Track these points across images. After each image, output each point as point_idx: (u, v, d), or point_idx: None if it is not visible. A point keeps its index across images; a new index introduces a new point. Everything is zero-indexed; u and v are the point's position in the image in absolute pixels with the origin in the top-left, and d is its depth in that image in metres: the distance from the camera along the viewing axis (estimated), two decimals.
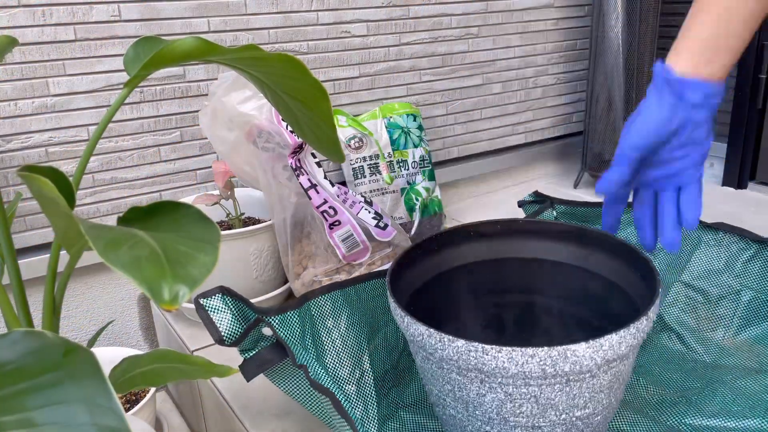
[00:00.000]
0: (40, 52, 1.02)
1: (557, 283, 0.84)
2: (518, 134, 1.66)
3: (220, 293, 0.73)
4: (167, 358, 0.64)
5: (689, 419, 0.77)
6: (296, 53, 1.25)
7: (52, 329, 0.57)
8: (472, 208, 1.58)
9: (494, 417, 0.63)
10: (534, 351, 0.57)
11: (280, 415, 0.84)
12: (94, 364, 0.36)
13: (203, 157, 1.20)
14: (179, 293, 0.37)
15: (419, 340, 0.63)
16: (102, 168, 1.11)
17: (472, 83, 1.52)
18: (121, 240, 0.40)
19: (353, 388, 0.78)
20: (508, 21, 1.53)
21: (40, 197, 0.45)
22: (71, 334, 1.16)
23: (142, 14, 1.08)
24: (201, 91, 1.17)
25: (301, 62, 0.50)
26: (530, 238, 0.84)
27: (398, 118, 1.35)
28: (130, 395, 0.98)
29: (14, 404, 0.35)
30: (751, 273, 0.94)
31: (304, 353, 0.76)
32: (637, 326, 0.61)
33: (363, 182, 1.30)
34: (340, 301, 0.82)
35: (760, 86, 1.53)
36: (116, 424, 0.34)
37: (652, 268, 0.70)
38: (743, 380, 0.83)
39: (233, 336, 0.72)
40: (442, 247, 0.83)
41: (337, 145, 0.57)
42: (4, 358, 0.37)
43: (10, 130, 1.02)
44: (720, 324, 0.94)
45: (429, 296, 0.81)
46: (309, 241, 1.04)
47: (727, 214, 1.48)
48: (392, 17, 1.35)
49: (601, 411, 0.65)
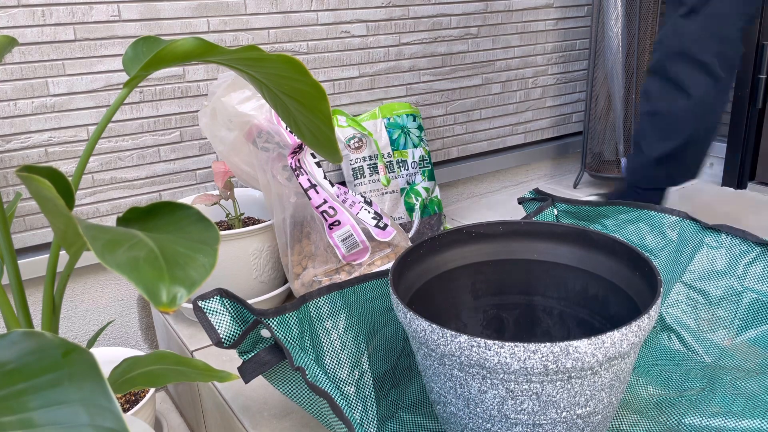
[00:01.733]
0: (39, 52, 1.02)
1: (558, 284, 0.84)
2: (518, 134, 1.66)
3: (218, 295, 0.73)
4: (167, 359, 0.64)
5: (689, 419, 0.77)
6: (296, 53, 1.24)
7: (51, 329, 0.57)
8: (472, 208, 1.58)
9: (495, 414, 0.63)
10: (536, 347, 0.57)
11: (279, 416, 0.84)
12: (93, 364, 0.36)
13: (203, 157, 1.20)
14: (177, 295, 0.37)
15: (421, 336, 0.63)
16: (101, 168, 1.11)
17: (472, 83, 1.52)
18: (119, 241, 0.39)
19: (352, 389, 0.78)
20: (508, 21, 1.53)
21: (39, 197, 0.45)
22: (71, 334, 1.16)
23: (142, 14, 1.08)
24: (200, 91, 1.17)
25: (301, 63, 0.50)
26: (531, 239, 0.84)
27: (398, 118, 1.34)
28: (129, 395, 0.98)
29: (13, 404, 0.35)
30: (752, 275, 0.94)
31: (303, 355, 0.76)
32: (638, 324, 0.61)
33: (363, 182, 1.29)
34: (338, 303, 0.82)
35: (760, 86, 1.53)
36: (115, 425, 0.34)
37: (653, 267, 0.70)
38: (743, 381, 0.83)
39: (232, 338, 0.71)
40: (444, 248, 0.83)
41: (335, 146, 0.57)
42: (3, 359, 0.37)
43: (10, 130, 1.02)
44: (720, 325, 0.94)
45: (430, 296, 0.81)
46: (309, 241, 1.04)
47: (726, 214, 1.48)
48: (392, 17, 1.35)
49: (601, 410, 0.65)
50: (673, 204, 1.53)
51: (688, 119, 1.20)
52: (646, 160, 1.25)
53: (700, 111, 1.19)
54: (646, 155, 1.25)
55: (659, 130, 1.22)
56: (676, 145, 1.22)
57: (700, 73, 1.17)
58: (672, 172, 1.26)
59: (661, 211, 1.03)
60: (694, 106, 1.18)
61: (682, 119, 1.20)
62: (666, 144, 1.22)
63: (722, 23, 1.15)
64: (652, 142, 1.23)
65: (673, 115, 1.20)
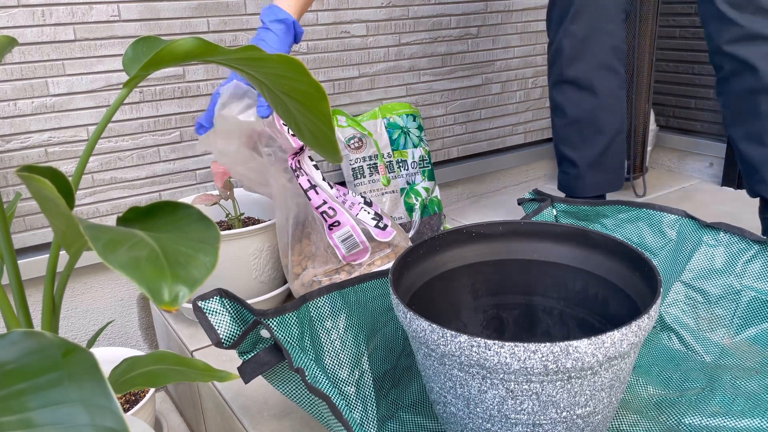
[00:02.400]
0: (39, 52, 1.02)
1: (558, 284, 0.84)
2: (518, 134, 1.66)
3: (218, 295, 0.72)
4: (167, 359, 0.64)
5: (689, 419, 0.77)
6: (296, 53, 1.24)
7: (51, 329, 0.57)
8: (472, 208, 1.58)
9: (495, 414, 0.63)
10: (536, 347, 0.57)
11: (279, 416, 0.84)
12: (94, 364, 0.36)
13: (203, 157, 1.20)
14: (179, 294, 0.37)
15: (421, 336, 0.63)
16: (101, 168, 1.11)
17: (472, 83, 1.52)
18: (120, 240, 0.39)
19: (352, 390, 0.78)
20: (508, 21, 1.53)
21: (39, 197, 0.45)
22: (71, 334, 1.16)
23: (142, 14, 1.08)
24: (200, 92, 1.17)
25: (301, 63, 0.50)
26: (531, 239, 0.84)
27: (398, 118, 1.34)
28: (129, 395, 0.98)
29: (13, 404, 0.35)
30: (751, 273, 0.94)
31: (303, 355, 0.76)
32: (638, 324, 0.61)
33: (363, 182, 1.30)
34: (338, 302, 0.82)
35: None
36: (115, 425, 0.34)
37: (652, 267, 0.70)
38: (743, 380, 0.83)
39: (231, 338, 0.71)
40: (444, 248, 0.83)
41: (335, 146, 0.57)
42: (3, 359, 0.37)
43: (10, 130, 1.02)
44: (720, 324, 0.94)
45: (430, 296, 0.81)
46: (309, 242, 1.04)
47: (726, 213, 1.48)
48: (392, 17, 1.35)
49: (601, 410, 0.65)
50: (673, 204, 1.53)
51: (605, 115, 1.26)
52: (578, 171, 1.30)
53: (609, 105, 1.25)
54: (577, 166, 1.30)
55: (585, 135, 1.28)
56: (607, 140, 1.27)
57: (600, 69, 1.23)
58: (608, 175, 1.32)
59: (660, 210, 1.03)
60: (605, 101, 1.25)
61: (599, 117, 1.26)
62: (595, 146, 1.28)
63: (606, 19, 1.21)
64: (582, 149, 1.29)
65: (590, 116, 1.26)
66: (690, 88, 1.73)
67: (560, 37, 1.23)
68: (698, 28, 1.67)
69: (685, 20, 1.70)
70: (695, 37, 1.69)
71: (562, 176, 1.34)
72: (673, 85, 1.77)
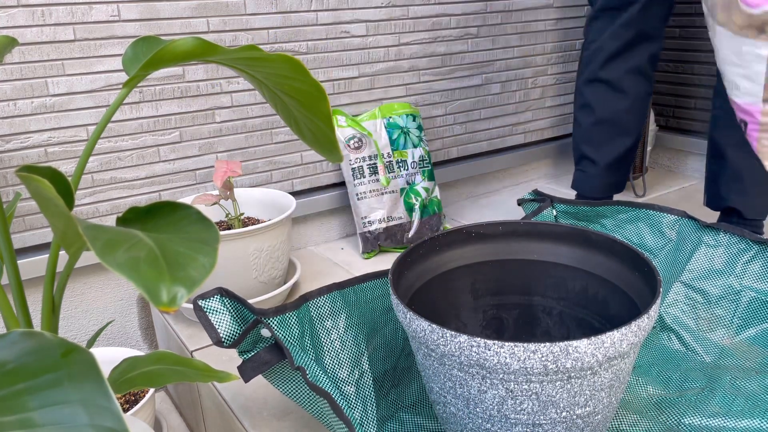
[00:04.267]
0: (39, 52, 1.02)
1: (557, 284, 0.84)
2: (517, 134, 1.66)
3: (218, 294, 0.72)
4: (167, 360, 0.64)
5: (689, 419, 0.77)
6: (295, 53, 1.24)
7: (51, 329, 0.57)
8: (472, 208, 1.58)
9: (495, 414, 0.63)
10: (536, 347, 0.57)
11: (279, 416, 0.84)
12: (93, 364, 0.36)
13: (202, 157, 1.20)
14: (177, 295, 0.37)
15: (421, 336, 0.63)
16: (101, 168, 1.11)
17: (472, 83, 1.52)
18: (119, 241, 0.39)
19: (352, 389, 0.78)
20: (508, 21, 1.53)
21: (38, 197, 0.45)
22: (71, 334, 1.16)
23: (142, 14, 1.08)
24: (200, 92, 1.17)
25: (301, 62, 0.50)
26: (531, 239, 0.84)
27: (398, 119, 1.34)
28: (129, 395, 0.98)
29: (13, 404, 0.35)
30: (751, 273, 0.94)
31: (303, 354, 0.76)
32: (638, 324, 0.61)
33: (362, 182, 1.30)
34: (338, 302, 0.82)
35: None
36: (115, 425, 0.34)
37: (652, 267, 0.70)
38: (743, 380, 0.83)
39: (232, 337, 0.71)
40: (444, 248, 0.83)
41: (335, 146, 0.57)
42: (3, 359, 0.37)
43: (9, 130, 1.02)
44: (720, 324, 0.94)
45: (430, 296, 0.81)
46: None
47: None
48: (392, 17, 1.35)
49: (601, 410, 0.65)
50: (673, 204, 1.53)
51: (631, 118, 1.28)
52: (596, 170, 1.32)
53: (637, 108, 1.28)
54: (597, 165, 1.31)
55: (610, 135, 1.30)
56: (630, 143, 1.29)
57: (635, 73, 1.25)
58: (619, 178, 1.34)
59: (659, 210, 1.03)
60: (634, 104, 1.27)
61: (626, 119, 1.28)
62: (618, 147, 1.30)
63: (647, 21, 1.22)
64: (604, 149, 1.30)
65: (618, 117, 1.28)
66: (690, 88, 1.73)
67: (606, 37, 1.24)
68: (698, 28, 1.67)
69: (685, 20, 1.70)
70: (695, 37, 1.69)
71: (579, 174, 1.35)
72: (673, 85, 1.77)
